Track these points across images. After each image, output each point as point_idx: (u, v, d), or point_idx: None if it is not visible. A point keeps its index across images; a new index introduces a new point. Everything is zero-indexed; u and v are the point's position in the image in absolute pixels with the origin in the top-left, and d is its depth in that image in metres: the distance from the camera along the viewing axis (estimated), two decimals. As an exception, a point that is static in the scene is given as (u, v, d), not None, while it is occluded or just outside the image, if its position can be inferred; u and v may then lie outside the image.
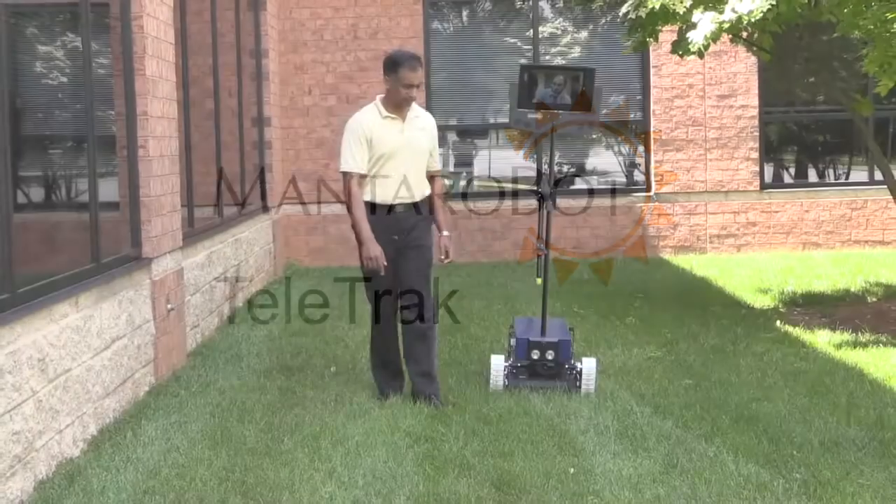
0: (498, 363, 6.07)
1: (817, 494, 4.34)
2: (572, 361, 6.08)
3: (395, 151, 5.70)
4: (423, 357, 5.83)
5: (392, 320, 5.88)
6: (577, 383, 5.99)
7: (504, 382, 6.04)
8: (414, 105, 5.80)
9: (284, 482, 4.56)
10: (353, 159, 5.67)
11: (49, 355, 4.73)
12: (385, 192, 5.72)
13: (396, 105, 5.72)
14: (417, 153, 5.79)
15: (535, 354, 6.04)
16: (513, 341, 6.24)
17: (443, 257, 5.88)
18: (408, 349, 5.87)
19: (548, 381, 6.04)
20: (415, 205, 5.81)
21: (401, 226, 5.76)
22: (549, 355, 6.04)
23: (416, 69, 5.63)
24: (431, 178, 5.96)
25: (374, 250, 5.58)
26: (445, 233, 5.94)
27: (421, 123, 5.84)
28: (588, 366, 5.99)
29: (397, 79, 5.62)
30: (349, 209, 5.72)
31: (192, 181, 7.82)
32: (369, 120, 5.73)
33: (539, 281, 6.32)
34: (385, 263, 5.59)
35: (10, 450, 4.30)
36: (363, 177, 5.69)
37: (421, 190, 5.84)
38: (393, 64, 5.65)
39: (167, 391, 6.14)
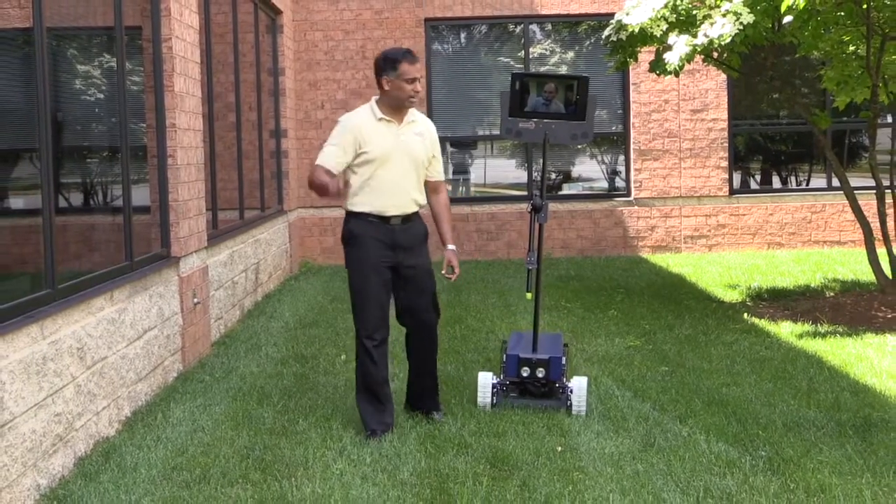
0: (485, 381, 5.26)
1: (781, 470, 4.35)
2: (563, 380, 5.30)
3: (389, 155, 4.81)
4: (428, 356, 5.06)
5: (383, 335, 4.89)
6: (569, 403, 5.20)
7: (492, 401, 5.25)
8: (412, 110, 4.94)
9: (299, 459, 4.56)
10: (329, 158, 4.79)
11: (87, 345, 4.74)
12: (380, 202, 4.83)
13: (394, 107, 4.85)
14: (413, 159, 4.88)
15: (525, 372, 5.26)
16: (504, 357, 5.45)
17: (445, 272, 5.05)
18: (411, 346, 5.09)
19: (538, 399, 5.29)
20: (412, 217, 4.94)
21: (397, 241, 4.86)
22: (540, 373, 5.24)
23: (414, 62, 4.80)
24: (435, 187, 5.09)
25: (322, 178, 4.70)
26: (451, 247, 5.05)
27: (418, 129, 4.93)
28: (579, 385, 5.15)
29: (398, 75, 4.76)
30: (311, 181, 4.77)
31: (216, 187, 7.82)
32: (361, 121, 4.84)
33: (529, 295, 5.36)
34: (338, 188, 4.72)
35: (53, 430, 4.30)
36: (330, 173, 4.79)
37: (418, 200, 4.96)
38: (391, 61, 4.79)
39: (193, 377, 6.15)
